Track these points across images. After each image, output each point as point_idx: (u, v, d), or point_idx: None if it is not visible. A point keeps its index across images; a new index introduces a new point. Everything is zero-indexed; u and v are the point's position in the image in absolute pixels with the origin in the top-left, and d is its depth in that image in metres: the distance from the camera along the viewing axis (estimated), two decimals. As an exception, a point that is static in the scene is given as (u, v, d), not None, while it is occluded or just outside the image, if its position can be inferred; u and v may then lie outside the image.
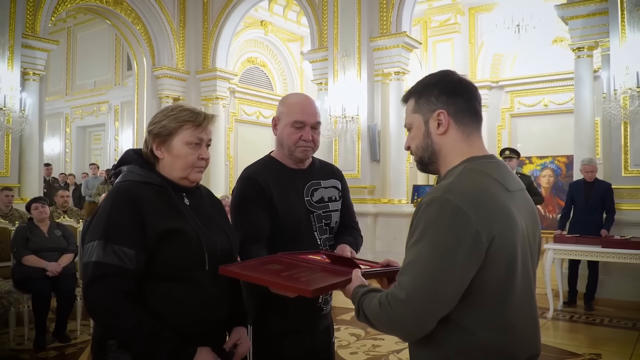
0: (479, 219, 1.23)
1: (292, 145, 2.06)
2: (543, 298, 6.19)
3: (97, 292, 1.57)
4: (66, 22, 14.38)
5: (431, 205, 1.28)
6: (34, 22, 8.08)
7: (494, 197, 1.30)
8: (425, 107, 1.43)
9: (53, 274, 4.89)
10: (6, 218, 6.08)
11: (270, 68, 13.55)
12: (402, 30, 8.27)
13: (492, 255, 1.24)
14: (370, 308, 1.34)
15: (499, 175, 1.36)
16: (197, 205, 1.80)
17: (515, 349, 1.32)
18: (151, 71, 10.49)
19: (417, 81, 1.49)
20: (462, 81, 1.45)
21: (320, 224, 2.12)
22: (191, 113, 1.74)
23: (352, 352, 4.58)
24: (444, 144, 1.42)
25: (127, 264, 1.58)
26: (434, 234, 1.25)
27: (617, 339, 5.08)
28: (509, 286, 1.29)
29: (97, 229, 1.61)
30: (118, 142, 13.58)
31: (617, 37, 6.29)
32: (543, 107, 10.92)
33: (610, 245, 5.54)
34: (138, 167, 1.73)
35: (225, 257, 1.76)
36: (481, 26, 11.27)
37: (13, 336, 4.89)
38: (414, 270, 1.26)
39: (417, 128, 1.46)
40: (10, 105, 7.34)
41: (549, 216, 10.32)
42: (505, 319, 1.29)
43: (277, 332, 2.02)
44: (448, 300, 1.25)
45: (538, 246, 1.47)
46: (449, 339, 1.30)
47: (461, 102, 1.41)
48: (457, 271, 1.23)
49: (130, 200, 1.64)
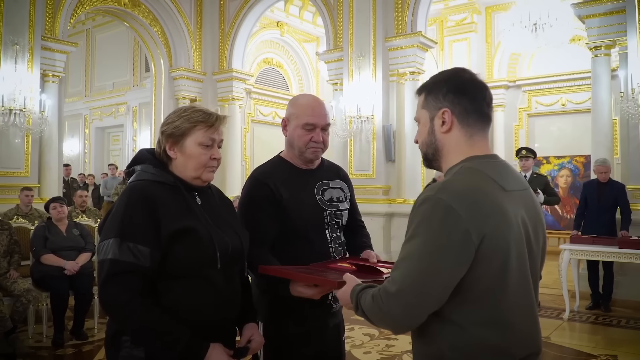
0: (469, 218, 1.25)
1: (303, 146, 2.08)
2: (559, 299, 6.15)
3: (113, 289, 1.60)
4: (85, 24, 14.59)
5: (424, 204, 1.31)
6: (53, 24, 8.21)
7: (487, 196, 1.31)
8: (432, 103, 1.45)
9: (71, 272, 4.97)
10: (26, 217, 6.19)
11: (286, 69, 13.60)
12: (417, 30, 8.25)
13: (483, 253, 1.26)
14: (366, 302, 1.39)
15: (496, 174, 1.37)
16: (209, 204, 1.83)
17: (511, 346, 1.33)
18: (168, 72, 10.60)
19: (431, 76, 1.51)
20: (473, 80, 1.44)
21: (332, 222, 2.14)
22: (204, 114, 1.77)
23: (365, 351, 4.59)
24: (447, 142, 1.44)
25: (142, 262, 1.61)
26: (426, 232, 1.28)
27: (634, 340, 5.02)
28: (502, 284, 1.30)
29: (113, 227, 1.64)
30: (136, 142, 13.74)
31: (634, 36, 6.21)
32: (561, 106, 10.81)
33: (628, 246, 5.47)
34: (152, 167, 1.76)
35: (236, 256, 1.79)
36: (498, 25, 11.19)
37: (32, 334, 4.98)
38: (405, 266, 1.30)
39: (423, 124, 1.48)
40: (30, 106, 7.46)
41: (567, 216, 10.21)
42: (499, 316, 1.31)
43: (287, 330, 2.04)
44: (437, 296, 1.28)
45: (542, 245, 1.47)
46: (443, 335, 1.33)
47: (467, 102, 1.41)
48: (446, 269, 1.26)
49: (144, 199, 1.67)
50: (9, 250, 5.10)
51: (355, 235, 2.28)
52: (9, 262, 5.05)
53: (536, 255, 1.44)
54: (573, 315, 5.89)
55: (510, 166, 1.47)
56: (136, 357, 1.67)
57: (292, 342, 2.05)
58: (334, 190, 2.20)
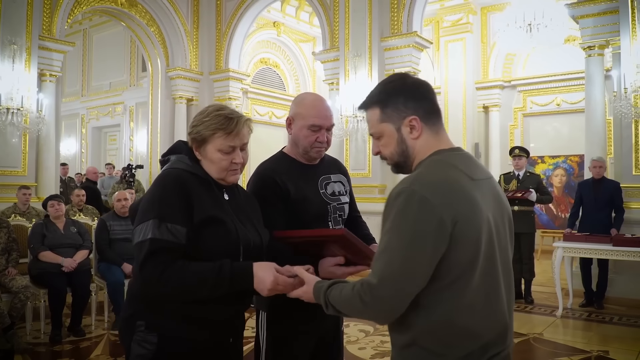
0: (442, 205, 1.33)
1: (308, 146, 2.14)
2: (553, 296, 6.21)
3: (152, 265, 1.63)
4: (82, 24, 14.60)
5: (399, 197, 1.37)
6: (50, 24, 8.24)
7: (457, 185, 1.39)
8: (394, 115, 1.50)
9: (69, 269, 5.01)
10: (23, 216, 6.23)
11: (283, 69, 13.64)
12: (413, 30, 8.29)
13: (456, 237, 1.33)
14: (341, 297, 1.45)
15: (463, 165, 1.46)
16: (235, 201, 1.88)
17: (479, 328, 1.39)
18: (165, 72, 10.63)
19: (376, 89, 1.55)
20: (422, 83, 1.54)
21: (335, 215, 2.21)
22: (223, 120, 1.77)
23: (360, 347, 4.64)
24: (418, 146, 1.51)
25: (181, 240, 1.66)
26: (402, 223, 1.34)
27: (626, 337, 5.08)
28: (472, 268, 1.37)
29: (150, 209, 1.68)
30: (133, 142, 13.76)
31: (627, 36, 6.27)
32: (555, 106, 10.86)
33: (622, 244, 5.53)
34: (187, 158, 1.81)
35: (256, 252, 1.83)
36: (493, 26, 11.23)
37: (30, 330, 5.02)
38: (385, 257, 1.36)
39: (389, 136, 1.53)
40: (27, 105, 7.48)
41: (562, 216, 10.27)
42: (468, 300, 1.37)
43: (290, 320, 2.08)
44: (417, 282, 1.35)
45: (509, 230, 1.54)
46: (417, 322, 1.40)
47: (426, 104, 1.51)
48: (425, 255, 1.32)
49: (180, 184, 1.72)
50: (7, 247, 5.13)
51: (357, 227, 2.35)
52: (7, 260, 5.09)
53: (504, 240, 1.50)
54: (566, 312, 5.95)
55: (474, 157, 1.57)
56: (149, 341, 1.71)
57: (294, 331, 2.09)
58: (336, 184, 2.26)
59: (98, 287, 5.41)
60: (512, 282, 1.53)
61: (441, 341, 1.38)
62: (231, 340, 1.84)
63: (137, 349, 1.72)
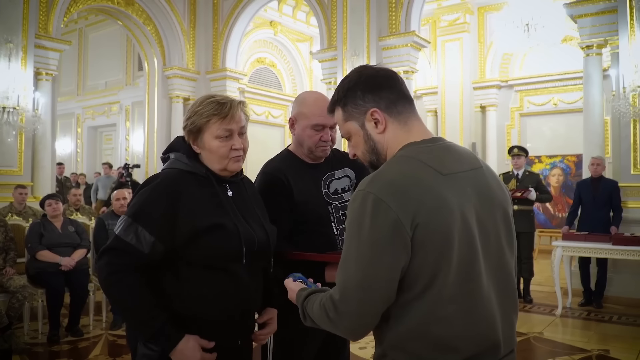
0: (399, 207, 1.19)
1: (313, 146, 2.11)
2: (551, 295, 6.21)
3: (106, 259, 1.65)
4: (77, 23, 14.52)
5: (355, 201, 1.26)
6: (46, 22, 8.17)
7: (419, 182, 1.24)
8: (355, 111, 1.39)
9: (67, 268, 4.98)
10: (20, 215, 6.18)
11: (280, 68, 13.61)
12: (411, 29, 8.28)
13: (418, 242, 1.20)
14: (313, 311, 1.34)
15: (431, 159, 1.30)
16: (240, 196, 1.83)
17: (456, 342, 1.24)
18: (162, 71, 10.57)
19: (337, 88, 1.44)
20: (380, 71, 1.40)
21: (337, 214, 2.17)
22: (216, 105, 1.72)
23: (361, 347, 4.62)
24: (386, 140, 1.39)
25: (143, 248, 1.63)
26: (358, 229, 1.23)
27: (626, 336, 5.08)
28: (444, 274, 1.22)
29: (133, 206, 1.68)
30: (129, 142, 13.70)
31: (626, 35, 6.28)
32: (553, 106, 10.89)
33: (621, 243, 5.54)
34: (185, 157, 1.77)
35: (262, 250, 1.79)
36: (490, 25, 11.26)
37: (27, 330, 4.98)
38: (345, 268, 1.26)
39: (356, 135, 1.41)
40: (23, 104, 7.42)
41: (559, 215, 10.29)
42: (440, 311, 1.23)
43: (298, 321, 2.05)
44: (383, 293, 1.22)
45: (505, 227, 1.38)
46: (386, 333, 1.29)
47: (387, 93, 1.37)
48: (385, 262, 1.20)
49: (169, 194, 1.67)
50: (4, 247, 5.09)
51: None
52: (5, 259, 5.04)
53: (494, 239, 1.33)
54: (565, 311, 5.96)
55: (455, 147, 1.39)
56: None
57: (302, 333, 2.06)
58: (339, 181, 2.23)
59: (96, 286, 5.37)
60: (509, 287, 1.35)
61: (412, 355, 1.25)
62: (239, 343, 1.80)
63: (143, 349, 1.70)
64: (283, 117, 13.11)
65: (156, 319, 1.60)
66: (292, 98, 13.55)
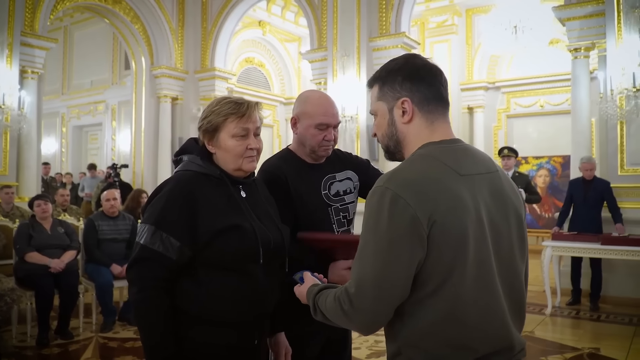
0: (417, 204, 1.21)
1: (316, 145, 2.09)
2: (541, 295, 6.26)
3: (136, 271, 1.66)
4: (63, 21, 14.34)
5: (373, 196, 1.28)
6: (32, 20, 8.07)
7: (438, 182, 1.26)
8: (389, 94, 1.40)
9: (56, 270, 4.89)
10: (7, 216, 6.08)
11: (268, 68, 13.58)
12: (401, 30, 8.32)
13: (434, 240, 1.21)
14: (326, 305, 1.36)
15: (450, 159, 1.32)
16: (253, 198, 1.83)
17: (471, 341, 1.26)
18: (149, 70, 10.49)
19: (382, 67, 1.45)
20: (426, 65, 1.40)
21: (338, 217, 2.15)
22: (234, 105, 1.73)
23: (355, 347, 4.62)
24: (408, 132, 1.40)
25: (170, 254, 1.63)
26: (376, 224, 1.24)
27: (616, 334, 5.14)
28: (459, 274, 1.24)
29: (153, 213, 1.67)
30: (115, 141, 13.57)
31: (613, 38, 6.36)
32: (539, 107, 11.00)
33: (610, 242, 5.60)
34: (199, 158, 1.76)
35: (277, 250, 1.79)
36: (478, 27, 11.35)
37: (16, 334, 4.89)
38: (361, 262, 1.27)
39: (381, 116, 1.43)
40: (9, 103, 7.33)
41: (545, 215, 10.39)
42: (454, 310, 1.24)
43: (303, 324, 2.04)
44: (399, 288, 1.24)
45: (517, 230, 1.39)
46: (401, 330, 1.30)
47: (425, 88, 1.37)
48: (402, 257, 1.21)
49: (186, 194, 1.68)
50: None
51: None
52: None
53: (506, 241, 1.35)
54: (555, 310, 6.01)
55: (473, 150, 1.42)
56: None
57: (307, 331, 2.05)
58: (341, 183, 2.20)
59: (85, 288, 5.30)
60: (517, 287, 1.37)
61: (427, 353, 1.26)
62: (256, 343, 1.80)
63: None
64: (272, 118, 13.07)
65: (167, 349, 1.62)
66: (280, 98, 13.54)
